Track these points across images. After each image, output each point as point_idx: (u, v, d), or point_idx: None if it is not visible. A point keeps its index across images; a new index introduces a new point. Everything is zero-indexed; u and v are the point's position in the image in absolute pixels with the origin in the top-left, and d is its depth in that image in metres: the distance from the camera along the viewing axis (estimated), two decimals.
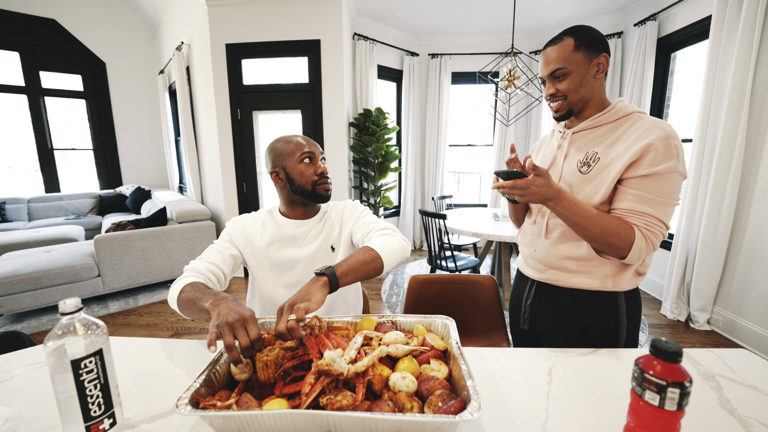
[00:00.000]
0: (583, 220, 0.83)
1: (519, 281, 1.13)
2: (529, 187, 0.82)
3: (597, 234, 0.83)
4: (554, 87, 0.91)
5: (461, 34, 4.18)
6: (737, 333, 2.31)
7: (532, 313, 1.06)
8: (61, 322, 0.52)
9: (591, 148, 0.91)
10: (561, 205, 0.83)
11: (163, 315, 2.80)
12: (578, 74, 0.88)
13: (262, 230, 1.09)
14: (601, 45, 0.88)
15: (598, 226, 0.83)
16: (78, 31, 4.90)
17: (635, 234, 0.82)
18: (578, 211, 0.83)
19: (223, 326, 0.65)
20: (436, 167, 4.46)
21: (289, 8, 3.11)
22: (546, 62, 0.91)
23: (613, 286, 0.91)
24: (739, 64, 2.13)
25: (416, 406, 0.55)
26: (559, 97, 0.92)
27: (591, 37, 0.87)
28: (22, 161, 5.02)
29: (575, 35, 0.87)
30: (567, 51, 0.87)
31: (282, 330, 0.66)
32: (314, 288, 0.75)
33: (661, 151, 0.80)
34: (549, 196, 0.83)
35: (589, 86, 0.90)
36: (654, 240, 0.83)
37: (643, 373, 0.48)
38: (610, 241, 0.82)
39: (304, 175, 1.03)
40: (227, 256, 1.03)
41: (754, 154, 2.19)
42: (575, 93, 0.90)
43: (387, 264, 0.91)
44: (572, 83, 0.89)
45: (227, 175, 3.46)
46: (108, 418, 0.55)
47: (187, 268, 0.95)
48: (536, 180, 0.82)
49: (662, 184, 0.82)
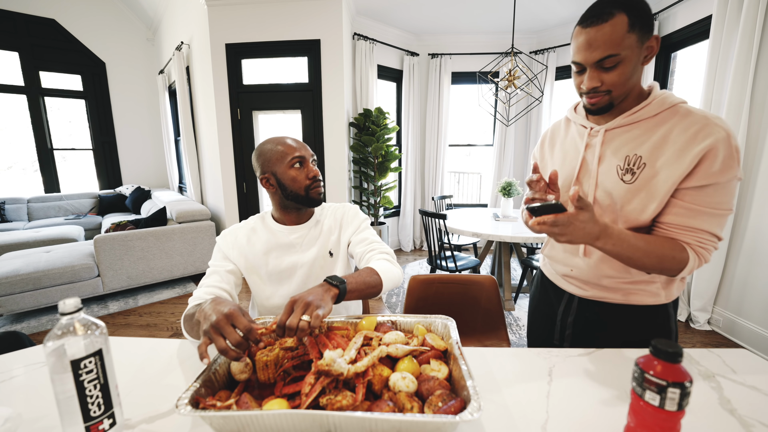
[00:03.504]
0: (635, 253, 0.72)
1: (550, 292, 1.01)
2: (572, 223, 0.66)
3: (651, 264, 0.74)
4: (599, 78, 0.72)
5: (461, 34, 4.18)
6: (737, 333, 2.30)
7: (576, 330, 0.94)
8: (61, 323, 0.52)
9: (632, 151, 0.77)
10: (611, 242, 0.70)
11: (162, 315, 2.80)
12: (631, 62, 0.70)
13: (255, 238, 1.05)
14: (652, 22, 0.70)
15: (653, 256, 0.73)
16: (78, 31, 4.90)
17: (688, 255, 0.73)
18: (629, 246, 0.72)
19: (209, 331, 0.63)
20: (436, 167, 4.46)
21: (289, 8, 3.11)
22: (590, 46, 0.70)
23: (665, 299, 0.86)
24: (739, 64, 2.13)
25: (416, 407, 0.55)
26: (603, 92, 0.74)
27: (645, 12, 0.68)
28: (21, 161, 5.02)
29: (628, 10, 0.67)
30: (621, 32, 0.67)
31: (293, 325, 0.64)
32: (327, 295, 0.74)
33: (721, 158, 0.68)
34: (595, 233, 0.69)
35: (637, 76, 0.73)
36: (706, 255, 0.75)
37: (644, 374, 0.48)
38: (664, 267, 0.74)
39: (295, 180, 0.99)
40: (224, 274, 1.00)
41: (755, 154, 2.19)
42: (623, 86, 0.73)
43: (383, 292, 0.94)
44: (624, 73, 0.71)
45: (227, 175, 3.46)
46: (108, 419, 0.55)
47: (191, 300, 0.93)
48: (580, 215, 0.67)
49: (719, 194, 0.71)
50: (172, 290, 3.26)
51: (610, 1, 0.68)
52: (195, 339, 0.85)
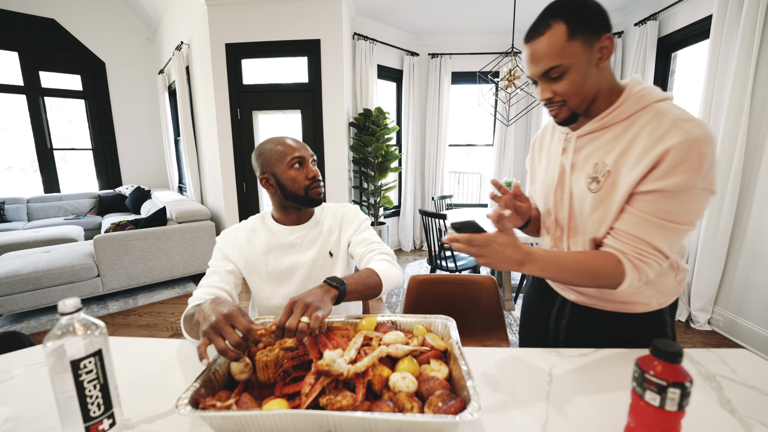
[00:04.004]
0: (567, 275, 0.70)
1: (542, 294, 0.99)
2: (489, 245, 0.64)
3: (587, 283, 0.72)
4: (550, 90, 0.71)
5: (461, 34, 4.18)
6: (738, 333, 2.30)
7: (569, 335, 0.92)
8: (61, 323, 0.52)
9: (601, 158, 0.73)
10: (537, 267, 0.69)
11: (162, 315, 2.80)
12: (579, 69, 0.67)
13: (255, 239, 1.05)
14: (600, 22, 0.66)
15: (586, 275, 0.70)
16: (77, 31, 4.90)
17: (624, 270, 0.69)
18: (559, 268, 0.70)
19: (208, 331, 0.63)
20: (436, 167, 4.46)
21: (289, 8, 3.11)
22: (533, 60, 0.69)
23: (658, 305, 0.83)
24: (739, 64, 2.13)
25: (416, 407, 0.55)
26: (558, 103, 0.72)
27: (587, 15, 0.65)
28: (21, 161, 5.02)
29: (566, 17, 0.65)
30: (559, 42, 0.65)
31: (293, 326, 0.64)
32: (326, 297, 0.74)
33: (675, 162, 0.62)
34: (517, 259, 0.66)
35: (594, 80, 0.69)
36: (647, 271, 0.69)
37: (644, 374, 0.48)
38: (601, 284, 0.72)
39: (295, 180, 0.99)
40: (224, 274, 0.99)
41: (755, 154, 2.19)
42: (578, 94, 0.70)
43: (383, 292, 0.94)
44: (573, 83, 0.68)
45: (227, 175, 3.46)
46: (107, 419, 0.55)
47: (190, 300, 0.93)
48: (498, 237, 0.65)
49: (671, 203, 0.65)
50: (171, 290, 3.26)
51: (548, 11, 0.67)
52: (195, 339, 0.85)
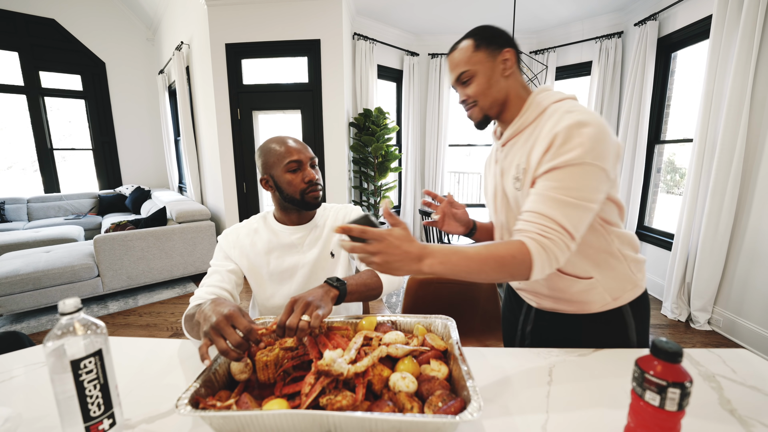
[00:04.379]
0: (471, 264, 0.64)
1: (511, 300, 1.05)
2: (386, 239, 0.60)
3: (494, 270, 0.66)
4: (464, 93, 0.85)
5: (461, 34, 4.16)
6: (738, 333, 2.30)
7: (533, 340, 0.96)
8: (61, 323, 0.52)
9: (519, 159, 0.80)
10: (437, 260, 0.63)
11: (162, 315, 2.80)
12: (484, 74, 0.81)
13: (257, 238, 1.05)
14: (502, 40, 0.82)
15: (491, 261, 0.65)
16: (78, 31, 4.90)
17: (528, 248, 0.66)
18: (460, 258, 0.64)
19: (209, 332, 0.63)
20: (436, 167, 4.46)
21: (289, 8, 3.11)
22: (451, 68, 0.86)
23: (613, 300, 0.85)
24: (739, 64, 2.13)
25: (416, 407, 0.55)
26: (471, 103, 0.85)
27: (491, 34, 0.82)
28: (21, 161, 5.02)
29: (474, 35, 0.83)
30: (468, 52, 0.82)
31: (293, 325, 0.65)
32: (327, 297, 0.76)
33: (562, 140, 0.69)
34: (415, 252, 0.61)
35: (500, 86, 0.83)
36: (555, 251, 0.66)
37: (644, 374, 0.48)
38: (511, 270, 0.66)
39: (291, 184, 0.99)
40: (225, 274, 0.99)
41: (755, 154, 2.19)
42: (485, 96, 0.83)
43: (383, 294, 0.96)
44: (479, 85, 0.82)
45: (227, 175, 3.46)
46: (108, 419, 0.55)
47: (192, 299, 0.93)
48: (394, 230, 0.62)
49: (566, 177, 0.68)
50: (172, 290, 3.26)
51: (464, 35, 0.85)
52: (196, 339, 0.85)
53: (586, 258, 0.82)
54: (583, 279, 0.84)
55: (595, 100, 3.55)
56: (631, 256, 0.85)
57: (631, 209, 3.26)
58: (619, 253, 0.83)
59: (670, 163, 3.97)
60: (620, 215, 0.83)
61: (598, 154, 0.68)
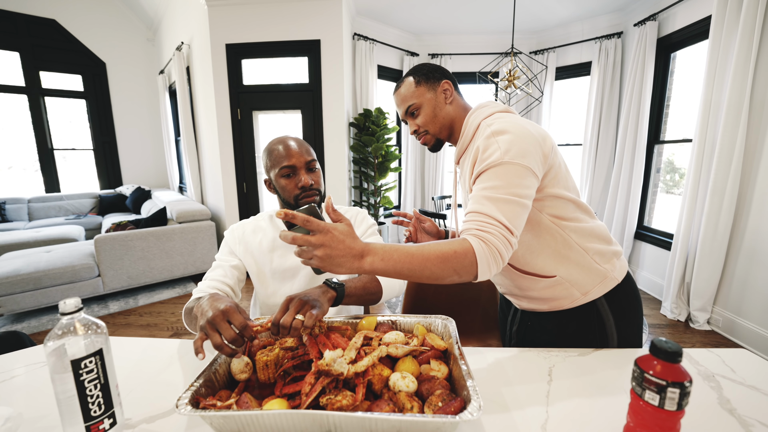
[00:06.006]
0: (413, 261, 0.64)
1: (503, 302, 1.12)
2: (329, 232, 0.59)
3: (438, 267, 0.65)
4: (414, 123, 0.94)
5: (461, 34, 4.18)
6: (737, 333, 2.30)
7: (518, 339, 1.01)
8: (61, 322, 0.52)
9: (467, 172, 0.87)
10: (378, 258, 0.62)
11: (163, 315, 2.80)
12: (429, 105, 0.91)
13: (262, 236, 1.06)
14: (439, 74, 0.92)
15: (434, 258, 0.65)
16: (78, 31, 4.90)
17: (470, 243, 0.67)
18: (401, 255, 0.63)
19: (205, 326, 0.63)
20: (436, 167, 4.46)
21: (289, 8, 3.11)
22: (398, 103, 0.95)
23: (582, 295, 0.86)
24: (739, 64, 2.13)
25: (416, 406, 0.55)
26: (422, 132, 0.94)
27: (428, 69, 0.93)
28: (22, 161, 5.02)
29: (413, 73, 0.93)
30: (411, 87, 0.92)
31: (287, 323, 0.65)
32: (323, 297, 0.76)
33: (483, 148, 0.77)
34: (357, 249, 0.60)
35: (444, 113, 0.92)
36: (496, 243, 0.67)
37: (643, 373, 0.48)
38: (455, 267, 0.66)
39: (285, 189, 0.99)
40: (228, 269, 1.00)
41: (754, 154, 2.19)
42: (433, 123, 0.92)
43: (383, 299, 0.95)
44: (426, 115, 0.92)
45: (227, 175, 3.46)
46: (108, 418, 0.55)
47: (194, 291, 0.94)
48: (338, 225, 0.61)
49: (493, 178, 0.74)
50: (172, 290, 3.26)
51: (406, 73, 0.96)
52: (196, 333, 0.86)
53: (545, 256, 0.85)
54: (546, 277, 0.86)
55: (595, 101, 3.56)
56: (594, 248, 0.85)
57: (631, 209, 3.26)
58: (579, 247, 0.84)
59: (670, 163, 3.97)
60: (580, 210, 0.86)
61: (516, 154, 0.74)
